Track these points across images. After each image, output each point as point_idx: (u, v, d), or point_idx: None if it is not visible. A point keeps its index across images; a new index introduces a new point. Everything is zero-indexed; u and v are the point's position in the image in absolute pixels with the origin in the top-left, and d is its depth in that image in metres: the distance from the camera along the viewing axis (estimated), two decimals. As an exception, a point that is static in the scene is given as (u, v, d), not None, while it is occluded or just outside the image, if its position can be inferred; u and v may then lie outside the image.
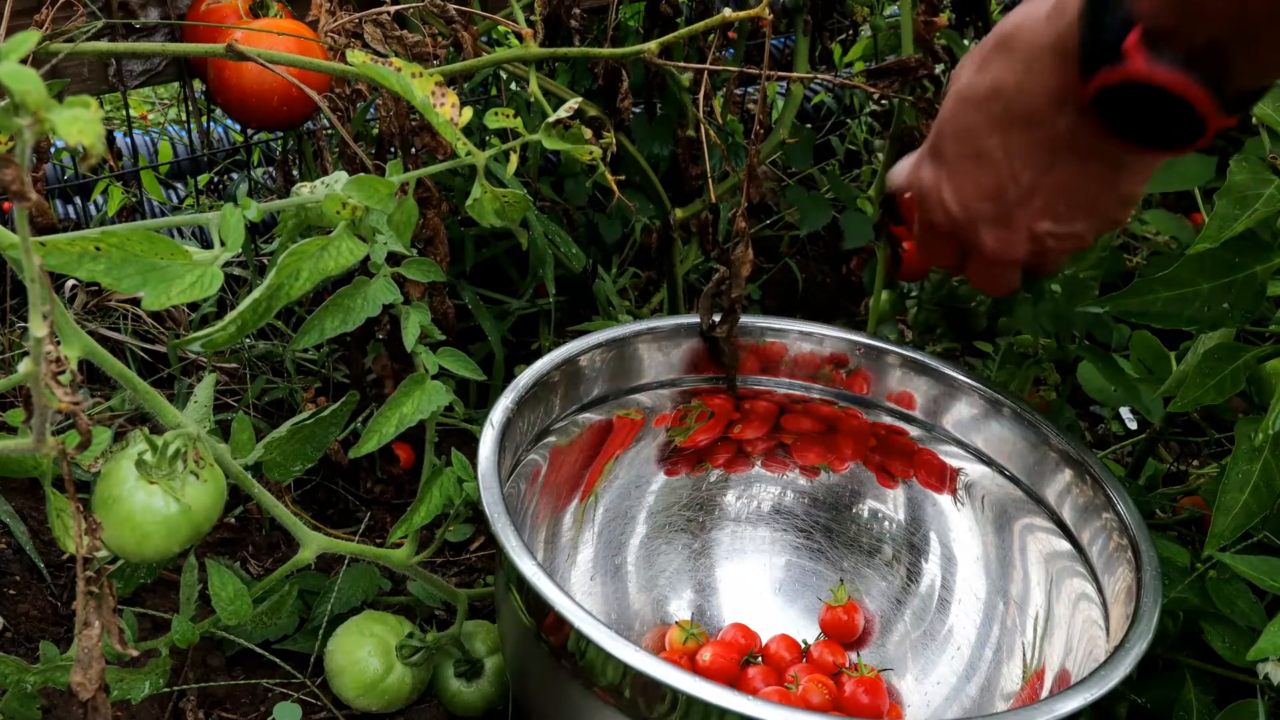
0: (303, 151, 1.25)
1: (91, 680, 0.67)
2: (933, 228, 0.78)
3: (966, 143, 0.72)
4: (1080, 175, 0.70)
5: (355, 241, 0.77)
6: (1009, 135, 0.70)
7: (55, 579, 1.09)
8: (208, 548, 1.14)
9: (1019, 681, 0.93)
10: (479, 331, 1.28)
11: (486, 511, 0.79)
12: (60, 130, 0.44)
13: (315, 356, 1.33)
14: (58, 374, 0.58)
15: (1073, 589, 0.90)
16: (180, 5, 1.11)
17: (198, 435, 0.75)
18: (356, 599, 1.06)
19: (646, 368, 1.02)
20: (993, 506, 0.99)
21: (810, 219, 1.34)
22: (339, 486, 1.23)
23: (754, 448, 1.08)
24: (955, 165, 0.73)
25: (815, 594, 1.06)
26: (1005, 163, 0.71)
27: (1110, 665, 0.74)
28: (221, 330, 0.72)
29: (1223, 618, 0.87)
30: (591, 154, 0.81)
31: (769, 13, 0.92)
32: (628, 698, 0.73)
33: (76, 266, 0.65)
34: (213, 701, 1.00)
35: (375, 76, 0.77)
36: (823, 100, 1.93)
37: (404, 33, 0.96)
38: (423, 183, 1.03)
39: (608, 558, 1.03)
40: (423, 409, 0.89)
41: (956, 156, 0.73)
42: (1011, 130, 0.70)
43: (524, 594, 0.78)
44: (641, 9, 1.33)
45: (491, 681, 1.00)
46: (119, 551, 0.72)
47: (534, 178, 1.34)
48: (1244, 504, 0.84)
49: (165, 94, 2.02)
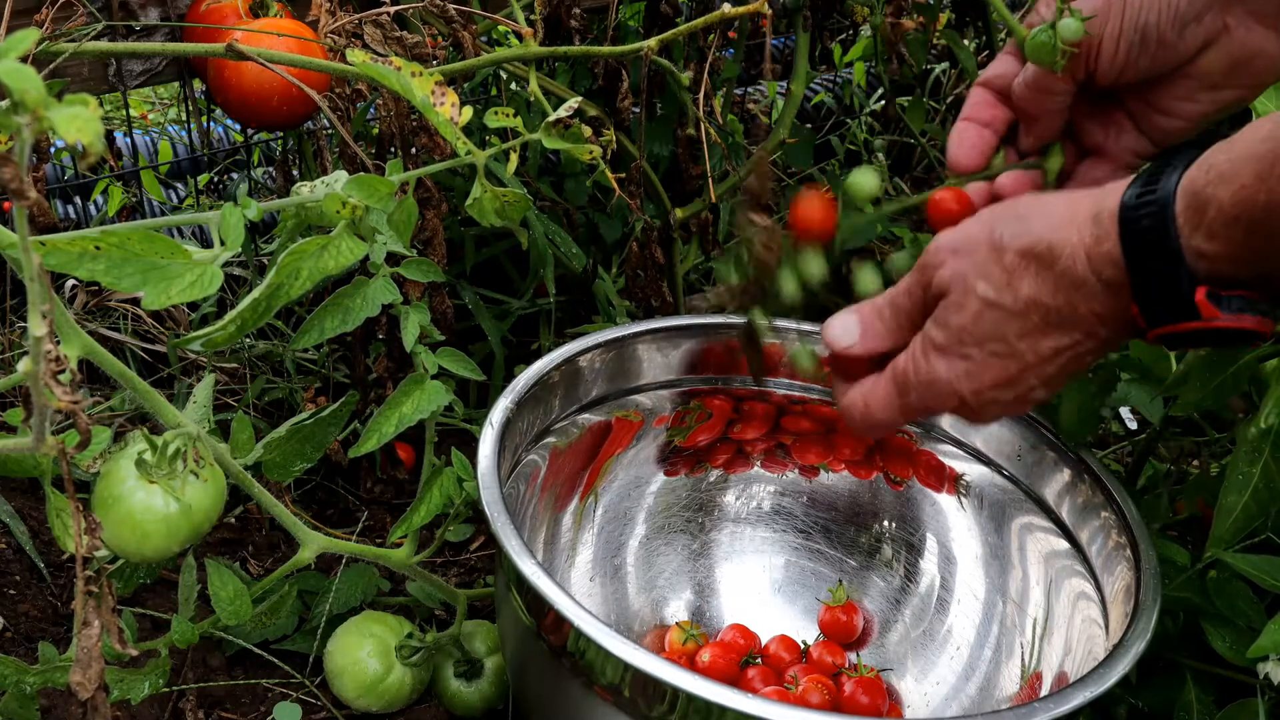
0: (303, 151, 1.25)
1: (91, 680, 0.67)
2: (926, 410, 0.77)
3: (996, 343, 0.71)
4: (1095, 359, 0.71)
5: (355, 241, 0.77)
6: (1044, 340, 0.70)
7: (55, 579, 1.09)
8: (208, 548, 1.14)
9: (1018, 681, 0.93)
10: (479, 331, 1.28)
11: (486, 511, 0.79)
12: (59, 129, 0.44)
13: (315, 356, 1.33)
14: (57, 373, 0.58)
15: (1072, 588, 0.90)
16: (180, 5, 1.11)
17: (198, 435, 0.75)
18: (356, 599, 1.06)
19: (646, 368, 1.02)
20: (992, 506, 0.99)
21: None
22: (339, 486, 1.23)
23: (753, 448, 1.08)
24: (980, 362, 0.72)
25: (814, 594, 1.06)
26: (1034, 361, 0.71)
27: (1109, 664, 0.74)
28: (221, 330, 0.72)
29: (1223, 617, 0.87)
30: (591, 153, 0.81)
31: (767, 9, 0.92)
32: (627, 697, 0.73)
33: (76, 266, 0.65)
34: (212, 701, 1.00)
35: (375, 76, 0.77)
36: (823, 100, 1.93)
37: (404, 33, 0.96)
38: (423, 182, 1.03)
39: (607, 558, 1.03)
40: (422, 409, 0.89)
41: (982, 355, 0.72)
42: (1048, 336, 0.69)
43: (524, 593, 0.78)
44: (641, 9, 1.33)
45: (491, 681, 1.00)
46: (119, 551, 0.72)
47: (534, 177, 1.34)
48: (1244, 506, 0.84)
49: (165, 94, 2.02)
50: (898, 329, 0.77)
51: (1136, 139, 0.78)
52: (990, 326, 0.71)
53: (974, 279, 0.71)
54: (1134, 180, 0.64)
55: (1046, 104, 0.78)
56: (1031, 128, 0.80)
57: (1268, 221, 0.58)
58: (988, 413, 0.75)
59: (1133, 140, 0.78)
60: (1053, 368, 0.71)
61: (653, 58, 0.96)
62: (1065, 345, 0.69)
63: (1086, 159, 0.81)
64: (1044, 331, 0.69)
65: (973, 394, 0.73)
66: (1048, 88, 0.76)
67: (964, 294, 0.71)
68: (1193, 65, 0.73)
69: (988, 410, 0.74)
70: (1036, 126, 0.80)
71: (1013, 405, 0.74)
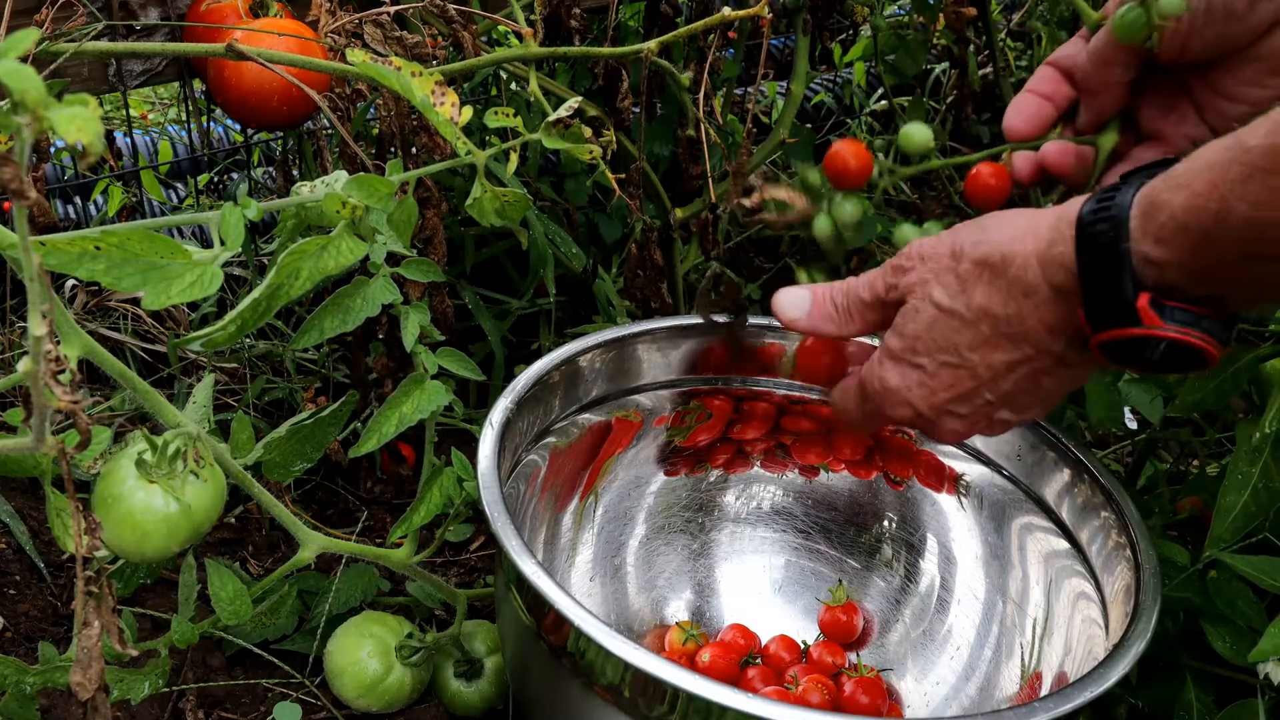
0: (303, 151, 1.25)
1: (91, 680, 0.67)
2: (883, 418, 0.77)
3: (947, 354, 0.71)
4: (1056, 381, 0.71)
5: (355, 241, 0.77)
6: (995, 352, 0.70)
7: (55, 579, 1.09)
8: (208, 548, 1.14)
9: (1018, 681, 0.93)
10: (479, 331, 1.28)
11: (486, 511, 0.79)
12: (59, 128, 0.44)
13: (315, 356, 1.33)
14: (57, 373, 0.58)
15: (1072, 588, 0.90)
16: (180, 5, 1.11)
17: (198, 435, 0.75)
18: (356, 599, 1.06)
19: (646, 368, 1.02)
20: (992, 506, 0.99)
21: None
22: (339, 486, 1.23)
23: (753, 448, 1.08)
24: (932, 373, 0.72)
25: (814, 594, 1.06)
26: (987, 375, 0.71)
27: (1109, 663, 0.74)
28: (221, 330, 0.72)
29: (1223, 617, 0.87)
30: (591, 153, 0.81)
31: (768, 12, 0.92)
32: (627, 697, 0.73)
33: (76, 266, 0.65)
34: (212, 701, 1.00)
35: (375, 76, 0.77)
36: (823, 100, 1.93)
37: (404, 33, 0.96)
38: (423, 182, 1.03)
39: (607, 558, 1.03)
40: (422, 409, 0.89)
41: (934, 365, 0.72)
42: (999, 349, 0.69)
43: (524, 593, 0.78)
44: (641, 9, 1.33)
45: (491, 681, 1.00)
46: (119, 551, 0.72)
47: (534, 177, 1.34)
48: (1244, 506, 0.84)
49: (165, 94, 2.02)
50: (847, 318, 0.77)
51: (1196, 125, 0.77)
52: (942, 335, 0.71)
53: (932, 285, 0.71)
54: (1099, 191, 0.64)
55: (1108, 76, 0.76)
56: (1090, 102, 0.79)
57: (1218, 233, 0.58)
58: (945, 427, 0.74)
59: (1192, 127, 0.77)
60: (1008, 383, 0.71)
61: (653, 58, 0.96)
62: (1017, 360, 0.69)
63: (1142, 143, 0.79)
64: (995, 344, 0.69)
65: (928, 406, 0.73)
66: (1111, 59, 0.75)
67: (920, 300, 0.71)
68: (1261, 44, 0.71)
69: (945, 424, 0.74)
70: (1096, 101, 0.78)
71: (973, 423, 0.74)
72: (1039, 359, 0.69)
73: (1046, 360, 0.69)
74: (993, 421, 0.74)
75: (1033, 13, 1.85)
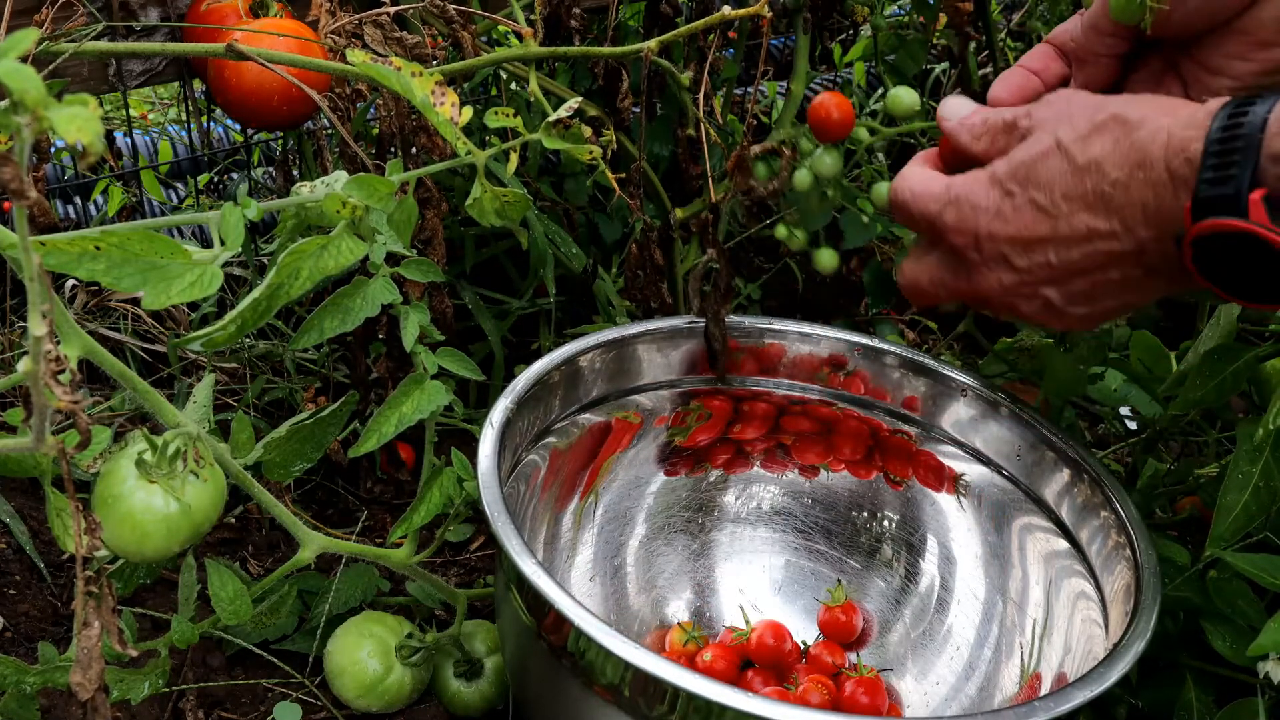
0: (303, 151, 1.25)
1: (91, 680, 0.67)
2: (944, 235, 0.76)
3: (1041, 192, 0.70)
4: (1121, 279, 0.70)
5: (355, 241, 0.77)
6: (1083, 212, 0.69)
7: (55, 579, 1.09)
8: (208, 548, 1.14)
9: (1018, 680, 0.93)
10: (479, 331, 1.28)
11: (486, 511, 0.79)
12: (59, 128, 0.44)
13: (315, 356, 1.33)
14: (57, 373, 0.58)
15: (1072, 588, 0.90)
16: (180, 5, 1.11)
17: (198, 435, 0.75)
18: (355, 599, 1.06)
19: (646, 369, 1.02)
20: (991, 506, 0.99)
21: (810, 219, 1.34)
22: (339, 486, 1.23)
23: (753, 448, 1.08)
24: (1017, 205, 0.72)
25: (814, 594, 1.06)
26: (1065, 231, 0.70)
27: (1109, 663, 0.74)
28: (221, 329, 0.72)
29: (1223, 616, 0.87)
30: (591, 153, 0.81)
31: (768, 11, 0.92)
32: (628, 696, 0.73)
33: (76, 266, 0.65)
34: (212, 701, 1.00)
35: (376, 76, 0.77)
36: (823, 100, 1.93)
37: (404, 33, 0.96)
38: (423, 182, 1.03)
39: (607, 558, 1.03)
40: (422, 409, 0.89)
41: (1023, 198, 0.71)
42: (1089, 209, 0.68)
43: (524, 593, 0.78)
44: (641, 9, 1.33)
45: (491, 681, 1.00)
46: (119, 551, 0.72)
47: (534, 177, 1.34)
48: (1244, 505, 0.84)
49: (165, 94, 2.02)
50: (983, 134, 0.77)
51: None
52: (1045, 172, 0.70)
53: (1059, 123, 0.71)
54: (1239, 97, 0.64)
55: (1098, 45, 0.78)
56: (1081, 73, 0.80)
57: None
58: (990, 272, 0.73)
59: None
60: (1077, 253, 0.70)
61: (653, 58, 0.96)
62: (1100, 231, 0.68)
63: None
64: (1088, 202, 0.68)
65: (987, 234, 0.73)
66: (1104, 28, 0.77)
67: (1042, 133, 0.71)
68: (1246, 17, 0.72)
69: (991, 270, 0.73)
70: (1086, 71, 0.79)
71: (1018, 284, 0.73)
72: (1120, 239, 0.68)
73: (1127, 244, 0.68)
74: (1035, 295, 0.73)
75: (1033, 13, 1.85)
